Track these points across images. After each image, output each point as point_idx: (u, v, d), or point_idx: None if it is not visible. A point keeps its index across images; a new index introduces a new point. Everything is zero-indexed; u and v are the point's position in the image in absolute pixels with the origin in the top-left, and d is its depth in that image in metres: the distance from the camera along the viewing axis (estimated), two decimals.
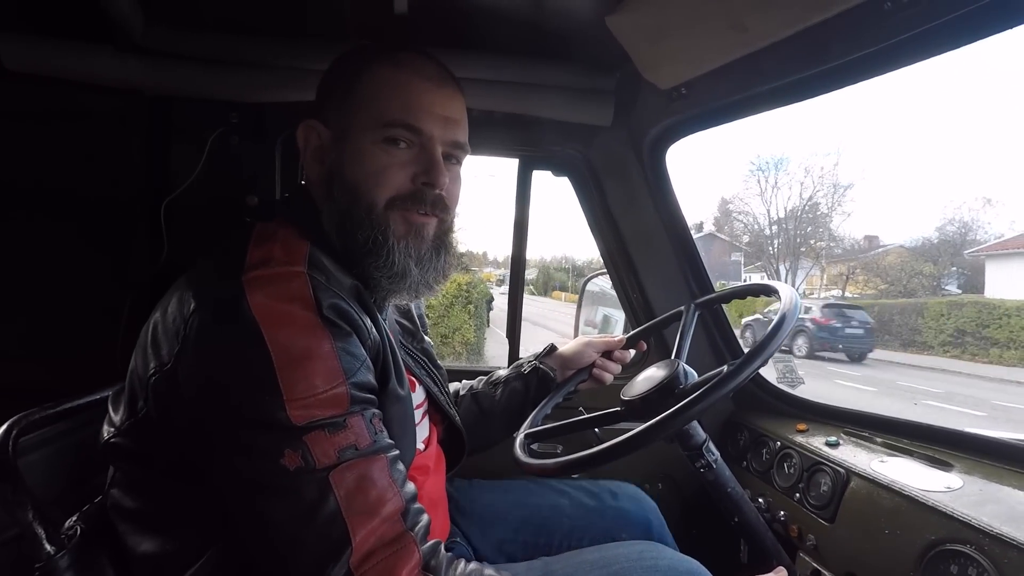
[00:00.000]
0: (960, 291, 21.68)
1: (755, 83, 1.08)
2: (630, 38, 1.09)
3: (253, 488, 0.60)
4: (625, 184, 1.46)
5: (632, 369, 1.38)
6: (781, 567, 0.88)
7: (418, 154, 0.78)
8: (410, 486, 0.66)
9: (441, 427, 1.00)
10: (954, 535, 0.82)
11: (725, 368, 0.81)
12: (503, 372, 1.21)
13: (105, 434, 0.73)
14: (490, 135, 1.42)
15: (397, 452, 0.66)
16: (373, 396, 0.68)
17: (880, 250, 27.83)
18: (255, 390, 0.60)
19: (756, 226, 31.88)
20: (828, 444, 1.15)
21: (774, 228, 30.59)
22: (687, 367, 0.94)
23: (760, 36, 0.95)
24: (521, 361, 1.21)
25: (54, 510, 0.72)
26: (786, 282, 1.04)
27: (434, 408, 0.98)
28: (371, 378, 0.68)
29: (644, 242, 1.48)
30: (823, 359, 14.33)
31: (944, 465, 0.99)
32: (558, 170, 1.51)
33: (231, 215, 1.36)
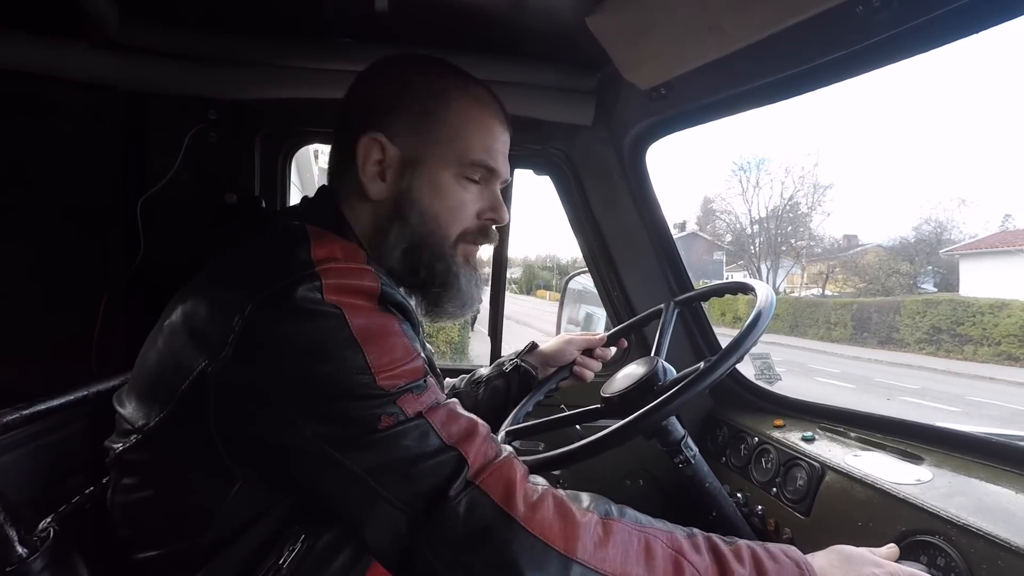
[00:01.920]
0: (936, 289, 22.18)
1: (733, 84, 1.10)
2: (610, 38, 1.10)
3: (353, 448, 0.61)
4: (606, 183, 1.47)
5: (613, 367, 1.39)
6: None
7: (483, 191, 0.83)
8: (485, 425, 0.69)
9: None
10: (924, 526, 0.84)
11: (702, 365, 0.82)
12: (484, 371, 1.21)
13: (118, 437, 0.72)
14: None
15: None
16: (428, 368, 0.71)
17: (858, 249, 28.39)
18: (346, 368, 0.61)
19: (738, 225, 32.34)
20: (804, 439, 1.17)
21: (755, 227, 31.06)
22: (666, 364, 0.95)
23: (737, 37, 0.96)
24: (503, 359, 1.22)
25: (27, 512, 0.71)
26: (767, 281, 1.06)
27: None
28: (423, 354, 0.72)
29: (625, 240, 1.50)
30: None
31: (915, 458, 1.02)
32: (540, 169, 1.52)
33: (209, 213, 1.34)
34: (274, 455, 0.64)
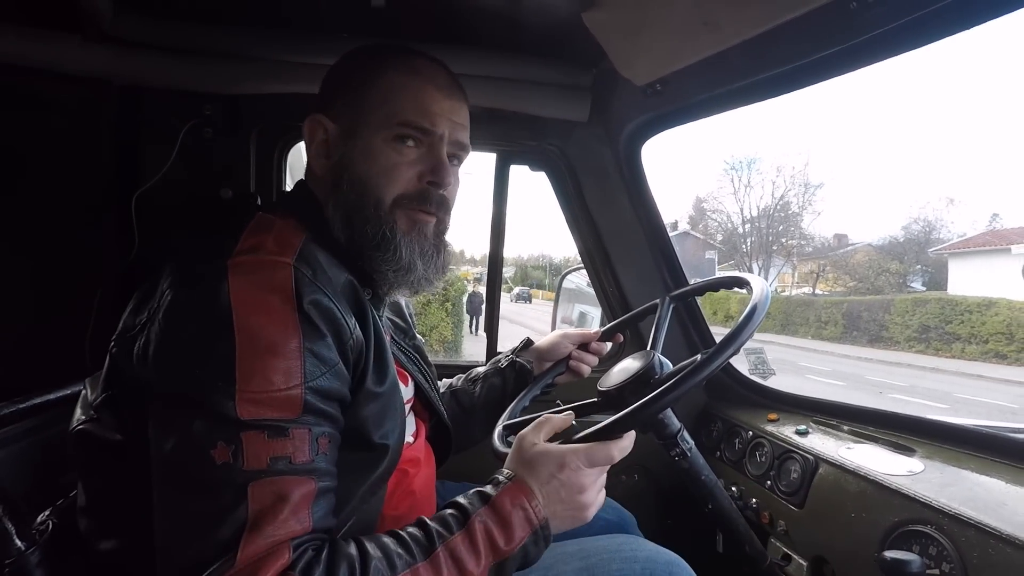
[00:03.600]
0: (925, 288, 22.35)
1: (728, 79, 1.11)
2: (606, 34, 1.11)
3: (173, 470, 0.59)
4: (602, 179, 1.47)
5: (608, 361, 1.40)
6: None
7: (425, 153, 0.80)
8: (329, 521, 0.63)
9: (429, 424, 1.00)
10: (916, 516, 0.85)
11: (699, 357, 0.83)
12: (481, 369, 1.21)
13: (75, 420, 0.73)
14: None
15: (332, 484, 0.64)
16: (331, 411, 0.65)
17: (849, 248, 28.50)
18: (210, 372, 0.59)
19: (729, 224, 32.44)
20: (798, 432, 1.19)
21: (747, 227, 31.18)
22: (662, 358, 0.96)
23: (732, 33, 0.97)
24: (499, 356, 1.22)
25: (24, 506, 0.70)
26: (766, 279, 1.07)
27: (422, 404, 0.98)
28: (338, 385, 0.66)
29: (620, 236, 1.50)
30: None
31: (907, 450, 1.03)
32: (536, 165, 1.52)
33: (204, 209, 1.33)
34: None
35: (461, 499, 0.69)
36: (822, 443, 1.13)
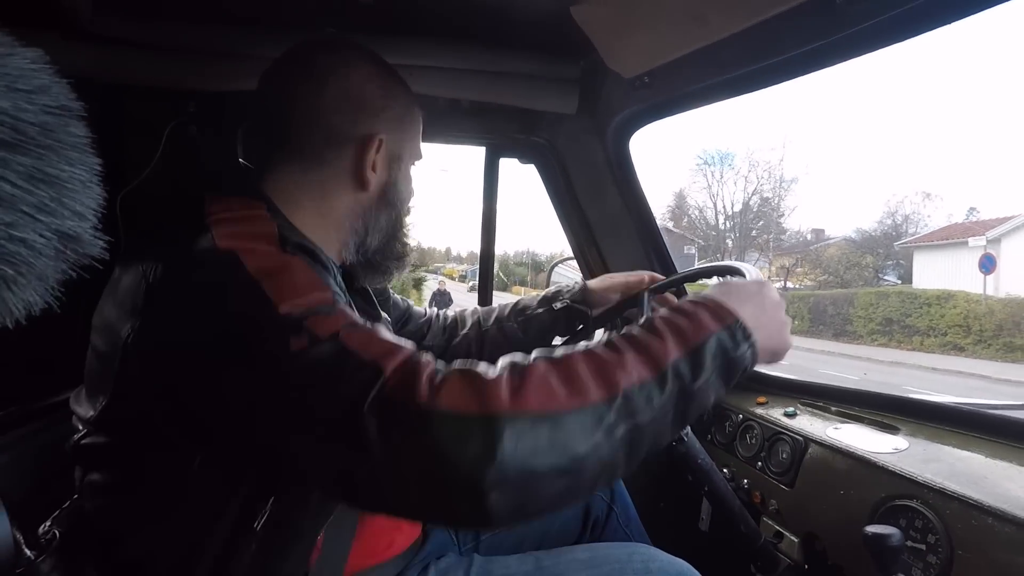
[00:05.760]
0: (900, 282, 22.46)
1: (716, 72, 1.12)
2: (594, 28, 1.12)
3: (268, 387, 0.57)
4: (591, 171, 1.49)
5: None
6: None
7: None
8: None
9: None
10: (902, 491, 0.89)
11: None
12: (530, 303, 1.27)
13: (75, 436, 0.71)
14: (457, 123, 1.43)
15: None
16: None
17: (823, 243, 28.78)
18: (244, 305, 0.59)
19: (702, 221, 32.50)
20: (786, 415, 1.22)
21: (720, 220, 31.35)
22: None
23: (719, 28, 0.98)
24: (549, 295, 1.27)
25: (27, 513, 0.70)
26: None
27: None
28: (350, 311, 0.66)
29: (610, 227, 1.52)
30: None
31: (892, 429, 1.07)
32: (524, 158, 1.53)
33: (191, 209, 1.32)
34: (205, 418, 0.62)
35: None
36: (810, 424, 1.17)
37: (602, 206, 1.51)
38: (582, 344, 0.61)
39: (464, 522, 0.69)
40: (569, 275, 2.19)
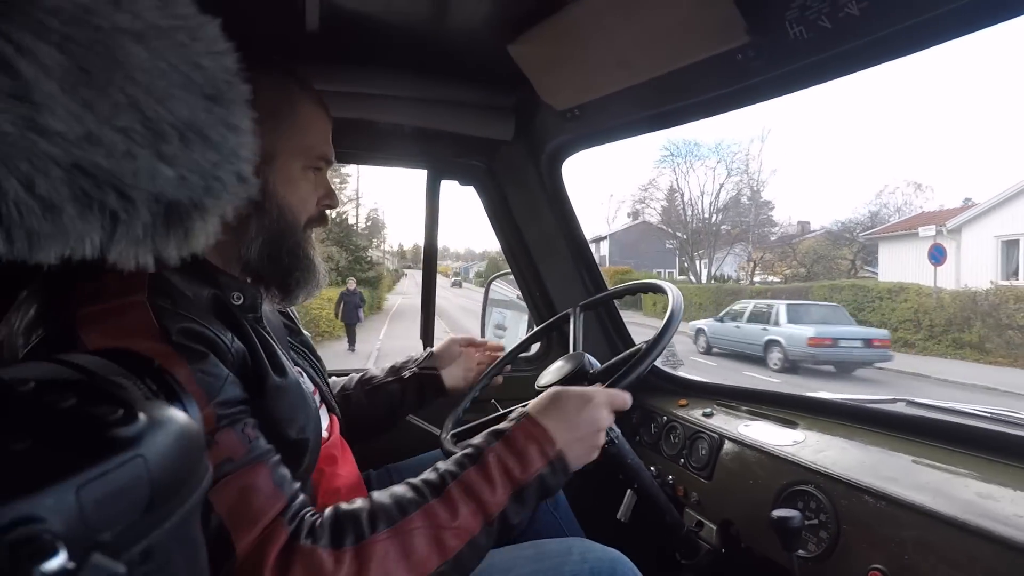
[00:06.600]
0: (878, 273, 21.25)
1: (639, 109, 1.24)
2: (529, 65, 1.21)
3: None
4: (526, 193, 1.58)
5: (538, 363, 1.51)
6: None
7: (321, 179, 0.90)
8: (295, 485, 0.66)
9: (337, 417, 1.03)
10: (800, 478, 1.03)
11: (643, 346, 0.97)
12: (377, 372, 1.25)
13: None
14: (399, 147, 1.48)
15: (277, 457, 0.66)
16: (244, 407, 0.67)
17: (803, 236, 28.93)
18: None
19: (677, 215, 32.08)
20: (704, 415, 1.35)
21: (691, 216, 30.91)
22: (590, 356, 1.09)
23: (641, 71, 1.11)
24: (398, 365, 1.26)
25: None
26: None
27: (321, 397, 0.99)
28: (239, 391, 0.67)
29: (544, 246, 1.62)
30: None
31: (792, 424, 1.22)
32: (464, 180, 1.60)
33: (58, 298, 1.28)
34: None
35: (476, 439, 0.75)
36: (725, 422, 1.30)
37: (537, 226, 1.61)
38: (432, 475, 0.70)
39: None
40: (507, 290, 2.26)
